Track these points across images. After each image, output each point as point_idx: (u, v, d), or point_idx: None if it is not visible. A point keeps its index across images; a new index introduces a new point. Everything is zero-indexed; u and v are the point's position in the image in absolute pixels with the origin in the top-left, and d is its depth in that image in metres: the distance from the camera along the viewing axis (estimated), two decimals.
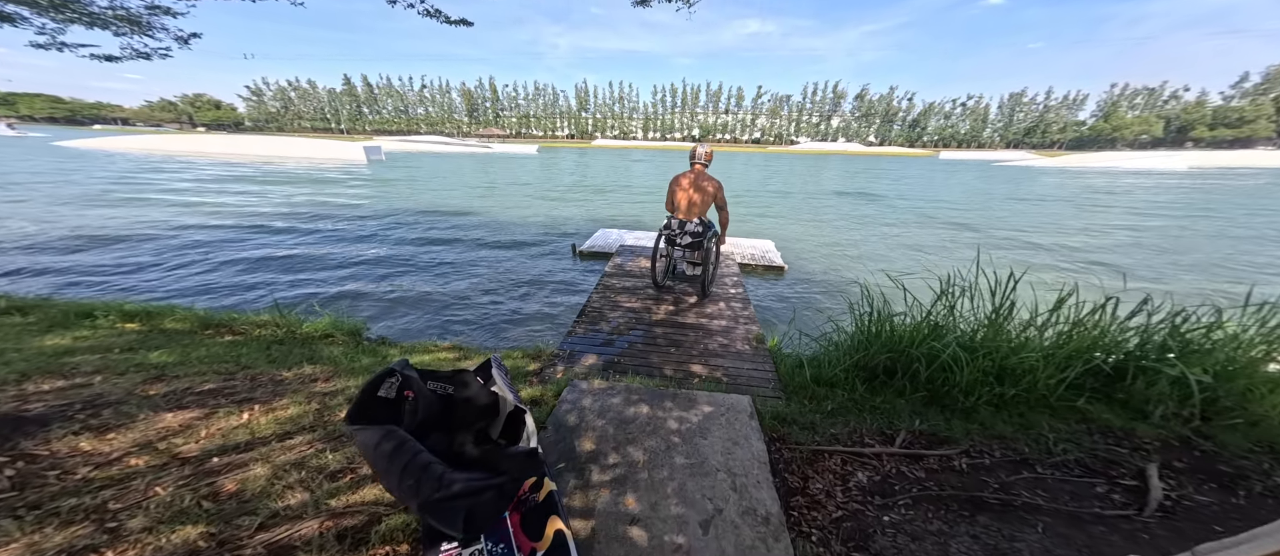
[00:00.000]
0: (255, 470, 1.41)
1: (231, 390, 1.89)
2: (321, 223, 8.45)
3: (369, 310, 4.22)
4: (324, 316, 2.83)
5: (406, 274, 5.43)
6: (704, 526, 1.37)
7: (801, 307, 4.46)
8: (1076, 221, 10.70)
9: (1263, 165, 37.03)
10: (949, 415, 2.00)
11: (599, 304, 3.43)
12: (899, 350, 2.17)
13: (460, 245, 7.08)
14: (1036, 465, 1.64)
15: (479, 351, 2.86)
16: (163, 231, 7.38)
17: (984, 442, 1.80)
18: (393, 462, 0.97)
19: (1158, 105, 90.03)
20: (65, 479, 1.30)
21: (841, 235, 8.69)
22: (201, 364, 2.12)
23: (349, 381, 2.06)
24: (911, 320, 2.29)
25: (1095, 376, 1.99)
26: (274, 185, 13.80)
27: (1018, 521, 1.38)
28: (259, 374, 2.05)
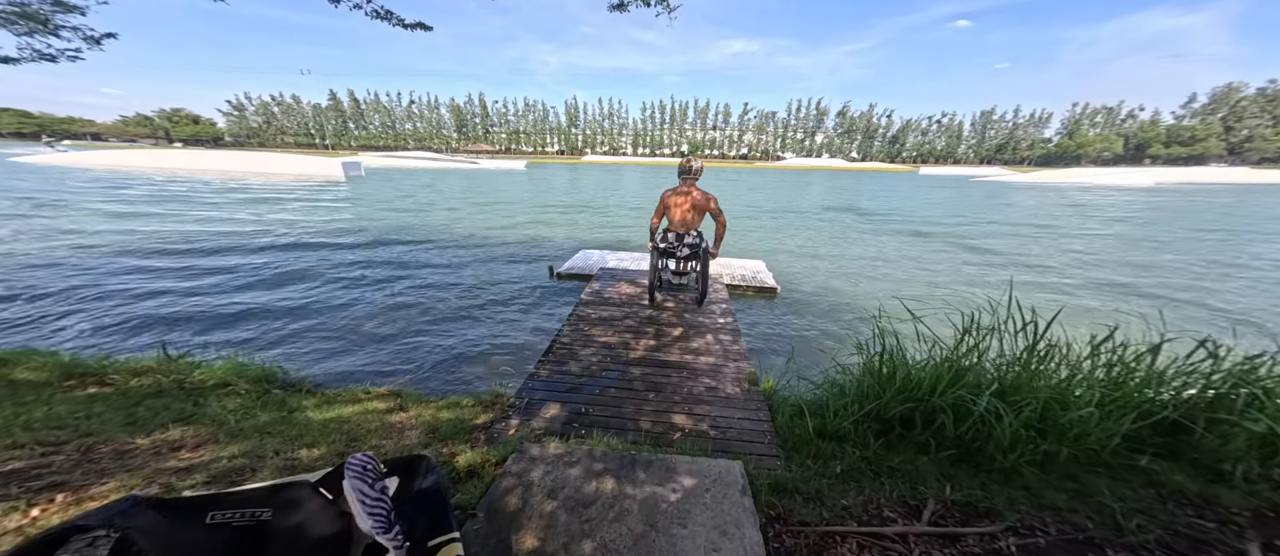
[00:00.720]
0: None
1: (42, 470, 1.42)
2: (270, 247, 7.41)
3: (300, 348, 3.62)
4: (224, 361, 2.36)
5: (356, 304, 4.76)
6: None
7: (798, 338, 4.05)
8: (1080, 240, 10.27)
9: (1218, 181, 39.11)
10: (985, 478, 1.65)
11: (569, 339, 3.01)
12: (918, 398, 1.82)
13: (426, 268, 6.42)
14: (1107, 547, 1.28)
15: (423, 398, 2.41)
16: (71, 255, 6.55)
17: (1034, 516, 1.44)
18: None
19: (1116, 124, 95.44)
20: None
21: (835, 252, 8.38)
22: (26, 431, 1.64)
23: (229, 448, 1.60)
24: (929, 359, 1.96)
25: (1156, 429, 1.66)
26: (231, 204, 13.02)
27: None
28: (101, 442, 1.57)
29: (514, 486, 1.52)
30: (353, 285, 5.41)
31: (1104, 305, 5.50)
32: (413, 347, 3.67)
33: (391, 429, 1.96)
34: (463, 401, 2.36)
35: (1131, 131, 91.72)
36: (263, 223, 9.78)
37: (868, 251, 8.59)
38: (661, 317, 3.44)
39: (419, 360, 3.46)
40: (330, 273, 5.98)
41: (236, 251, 7.07)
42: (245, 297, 4.84)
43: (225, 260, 6.52)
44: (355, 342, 3.77)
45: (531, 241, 8.73)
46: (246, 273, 5.87)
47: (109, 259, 6.39)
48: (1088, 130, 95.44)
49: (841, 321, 4.57)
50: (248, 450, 1.58)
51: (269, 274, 5.82)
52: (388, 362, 3.40)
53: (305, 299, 4.86)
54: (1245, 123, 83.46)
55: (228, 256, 6.77)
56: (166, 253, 6.89)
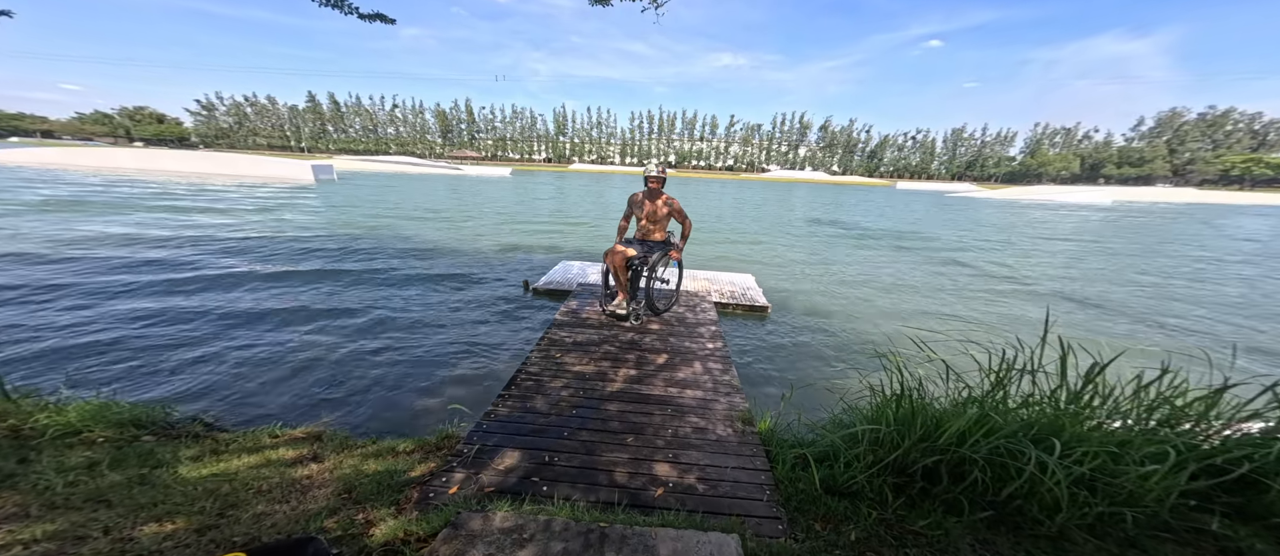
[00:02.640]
0: None
1: None
2: (196, 259, 6.19)
3: (205, 380, 2.91)
4: (86, 400, 1.88)
5: (288, 325, 3.97)
6: None
7: (795, 365, 3.65)
8: (1080, 262, 9.49)
9: (1171, 201, 41.82)
10: (1029, 545, 1.36)
11: (537, 368, 2.63)
12: (945, 448, 1.53)
13: (381, 282, 5.57)
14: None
15: (349, 442, 1.99)
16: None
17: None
18: None
19: (1074, 144, 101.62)
20: None
21: (828, 267, 7.99)
22: None
23: (38, 526, 1.17)
24: (952, 399, 1.68)
25: (1217, 480, 1.41)
26: (167, 209, 11.78)
27: None
28: None
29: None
30: (287, 301, 4.64)
31: (1113, 328, 5.14)
32: (350, 377, 3.07)
33: (293, 488, 1.54)
34: (399, 446, 1.95)
35: (1087, 152, 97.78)
36: (198, 228, 8.66)
37: (865, 269, 8.28)
38: (644, 342, 3.09)
39: (356, 392, 2.88)
40: (264, 288, 5.10)
41: (153, 264, 5.84)
42: (142, 319, 3.90)
43: (135, 275, 5.28)
44: (280, 371, 3.09)
45: (506, 251, 7.97)
46: (155, 290, 4.78)
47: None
48: (1048, 149, 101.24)
49: (842, 345, 4.18)
50: (63, 530, 1.15)
51: (189, 289, 4.88)
52: (317, 395, 2.81)
53: (227, 318, 4.05)
54: (1187, 146, 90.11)
55: (139, 271, 5.48)
56: (52, 261, 5.61)
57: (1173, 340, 4.83)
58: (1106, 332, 4.94)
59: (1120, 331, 5.05)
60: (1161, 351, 1.71)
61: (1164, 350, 1.64)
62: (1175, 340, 4.82)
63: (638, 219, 3.64)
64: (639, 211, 3.62)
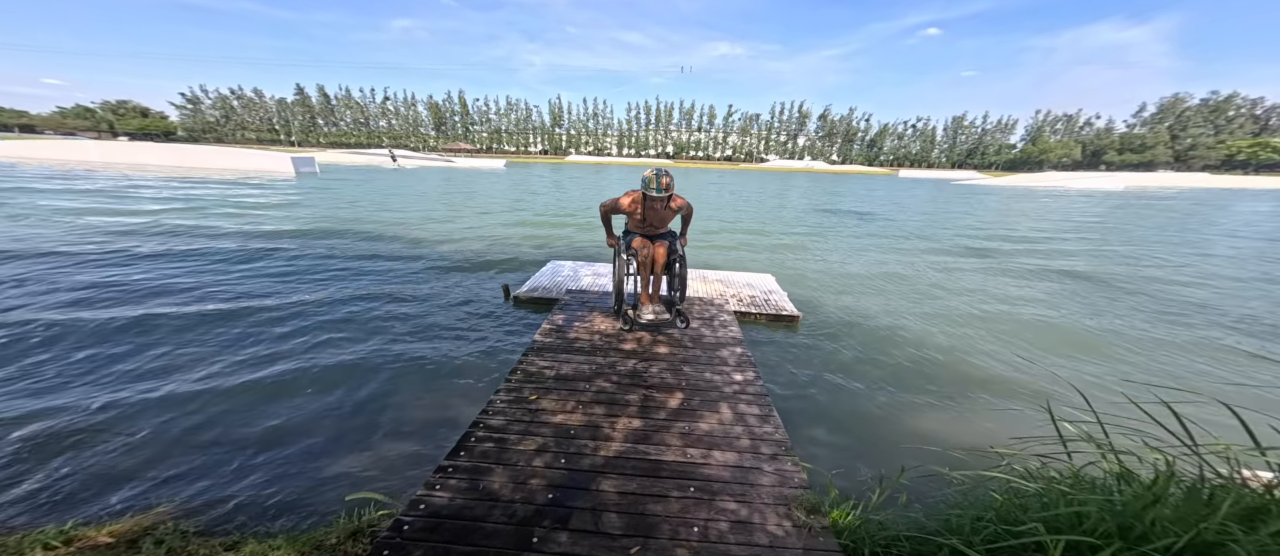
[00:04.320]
0: None
1: None
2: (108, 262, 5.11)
3: (28, 435, 2.01)
4: None
5: (150, 348, 2.99)
6: None
7: (855, 402, 2.71)
8: (1129, 244, 8.61)
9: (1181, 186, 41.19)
10: None
11: (502, 421, 1.88)
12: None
13: (312, 293, 4.41)
14: None
15: (194, 541, 1.27)
16: None
17: None
18: None
19: (1075, 131, 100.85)
20: None
21: (851, 262, 7.01)
22: None
23: None
24: (1208, 486, 0.97)
25: None
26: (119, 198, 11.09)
27: None
28: None
29: None
30: (163, 313, 3.56)
31: None
32: (225, 428, 2.16)
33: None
34: (270, 552, 1.24)
35: (1089, 138, 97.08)
36: (141, 226, 7.66)
37: (885, 261, 7.49)
38: (650, 374, 2.35)
39: (223, 454, 1.99)
40: (133, 297, 3.94)
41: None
42: None
43: None
44: (118, 423, 2.13)
45: (485, 251, 6.88)
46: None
47: None
48: (1049, 136, 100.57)
49: (904, 356, 3.31)
50: None
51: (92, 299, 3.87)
52: (166, 461, 1.93)
53: (106, 343, 3.00)
54: (1189, 131, 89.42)
55: None
56: None
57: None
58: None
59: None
60: None
61: None
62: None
63: (638, 223, 3.05)
64: (639, 221, 3.01)
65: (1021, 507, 1.24)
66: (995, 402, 2.86)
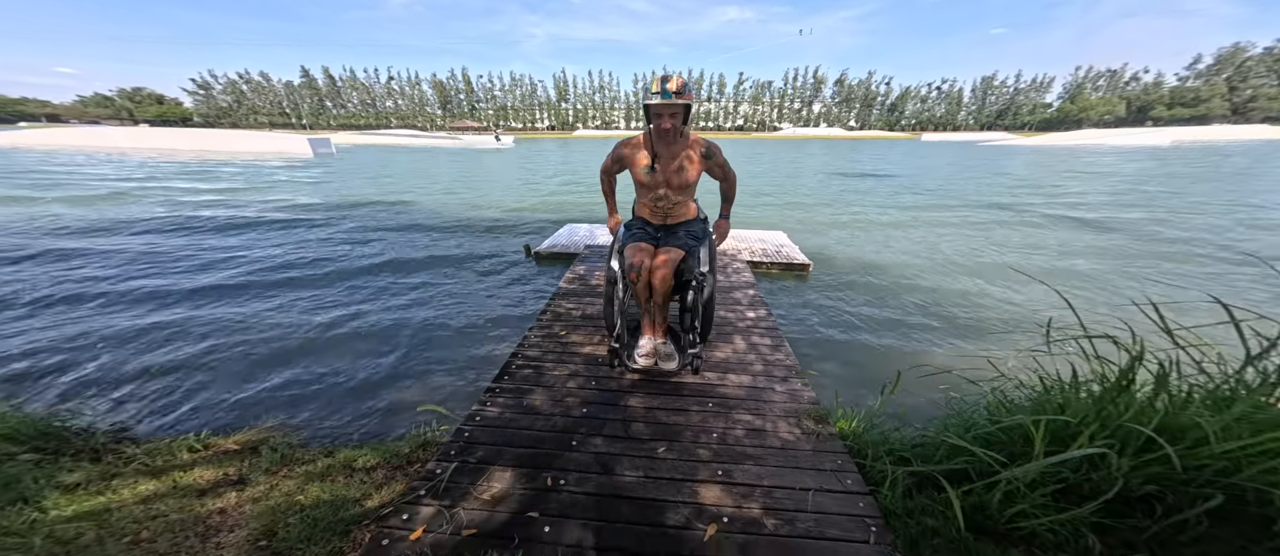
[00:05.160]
0: None
1: None
2: (163, 236, 5.69)
3: (126, 366, 2.47)
4: None
5: (242, 305, 3.50)
6: None
7: (854, 334, 2.92)
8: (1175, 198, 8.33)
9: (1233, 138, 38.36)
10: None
11: (537, 352, 2.09)
12: (1200, 466, 0.94)
13: (358, 255, 4.97)
14: None
15: (295, 453, 1.51)
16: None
17: None
18: None
19: (1119, 87, 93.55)
20: None
21: (868, 220, 7.11)
22: None
23: None
24: (1186, 382, 1.07)
25: None
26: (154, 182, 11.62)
27: None
28: None
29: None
30: (238, 278, 4.09)
31: None
32: (308, 366, 2.56)
33: (189, 530, 1.06)
34: (357, 459, 1.48)
35: (1134, 94, 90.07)
36: (174, 204, 8.25)
37: (900, 218, 7.42)
38: None
39: (313, 385, 2.39)
40: (212, 266, 4.51)
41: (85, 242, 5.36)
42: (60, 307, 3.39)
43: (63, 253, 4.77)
44: (224, 362, 2.57)
45: (503, 217, 7.40)
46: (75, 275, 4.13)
47: None
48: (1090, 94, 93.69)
49: (910, 300, 3.49)
50: None
51: (126, 275, 4.24)
52: (266, 391, 2.32)
53: (173, 308, 3.45)
54: (1250, 82, 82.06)
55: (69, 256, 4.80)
56: None
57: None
58: None
59: None
60: None
61: None
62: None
63: (643, 184, 1.89)
64: (644, 169, 1.83)
65: (1012, 408, 1.35)
66: (998, 334, 2.97)
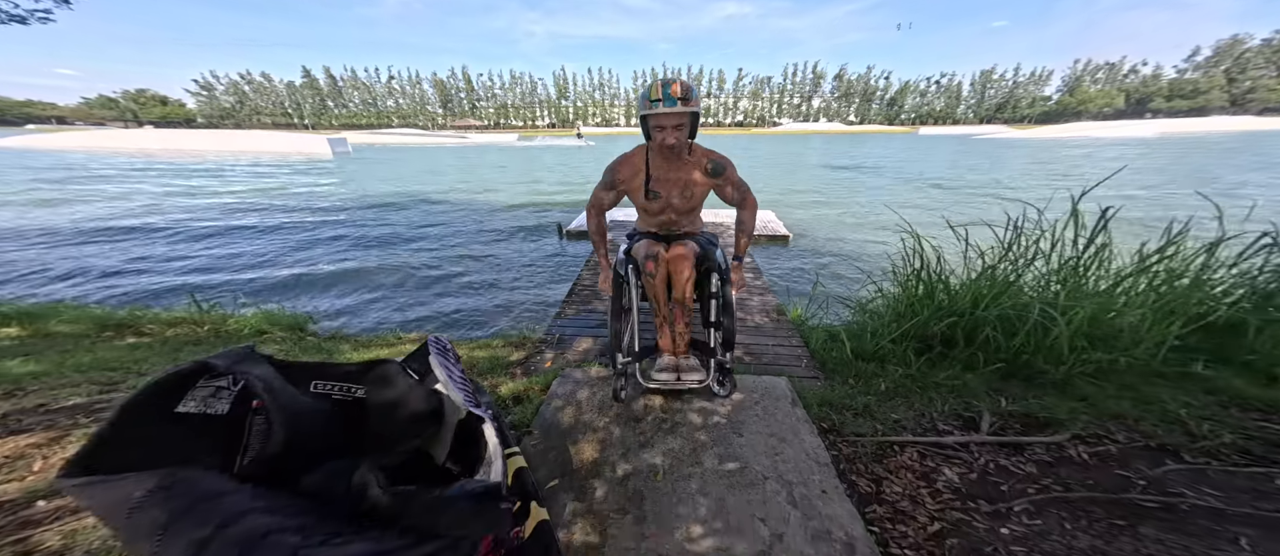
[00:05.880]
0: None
1: (103, 406, 1.37)
2: (274, 216, 7.66)
3: (320, 305, 3.68)
4: (255, 312, 2.29)
5: (368, 266, 4.85)
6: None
7: (818, 276, 4.04)
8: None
9: (1220, 130, 39.01)
10: (1038, 390, 1.63)
11: (589, 281, 2.97)
12: (960, 313, 1.78)
13: (429, 234, 6.44)
14: (1182, 453, 1.27)
15: (454, 340, 2.37)
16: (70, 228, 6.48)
17: (1099, 425, 1.41)
18: (172, 543, 0.46)
19: (1118, 79, 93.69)
20: None
21: (845, 202, 8.48)
22: (79, 373, 1.59)
23: None
24: (968, 276, 1.91)
25: (1208, 330, 1.64)
26: (232, 181, 12.61)
27: (1204, 532, 1.00)
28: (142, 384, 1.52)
29: (563, 406, 1.49)
30: (357, 255, 5.40)
31: None
32: (434, 301, 3.78)
33: None
34: (493, 343, 2.31)
35: (1133, 86, 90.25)
36: (269, 195, 9.68)
37: (878, 200, 8.60)
38: None
39: (442, 312, 3.55)
40: (339, 238, 6.07)
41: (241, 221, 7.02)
42: (257, 260, 5.01)
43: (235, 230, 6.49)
44: (376, 298, 3.85)
45: (532, 205, 8.72)
46: (255, 237, 5.98)
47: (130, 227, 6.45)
48: (1089, 86, 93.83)
49: (861, 259, 4.62)
50: None
51: (283, 238, 5.99)
52: (412, 316, 3.45)
53: (319, 260, 4.97)
54: (1249, 74, 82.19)
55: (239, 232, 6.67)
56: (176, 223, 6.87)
57: None
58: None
59: None
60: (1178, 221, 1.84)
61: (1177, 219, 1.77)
62: None
63: (641, 208, 1.59)
64: (648, 195, 1.51)
65: (884, 299, 2.18)
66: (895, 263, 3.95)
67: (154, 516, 0.45)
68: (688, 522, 1.04)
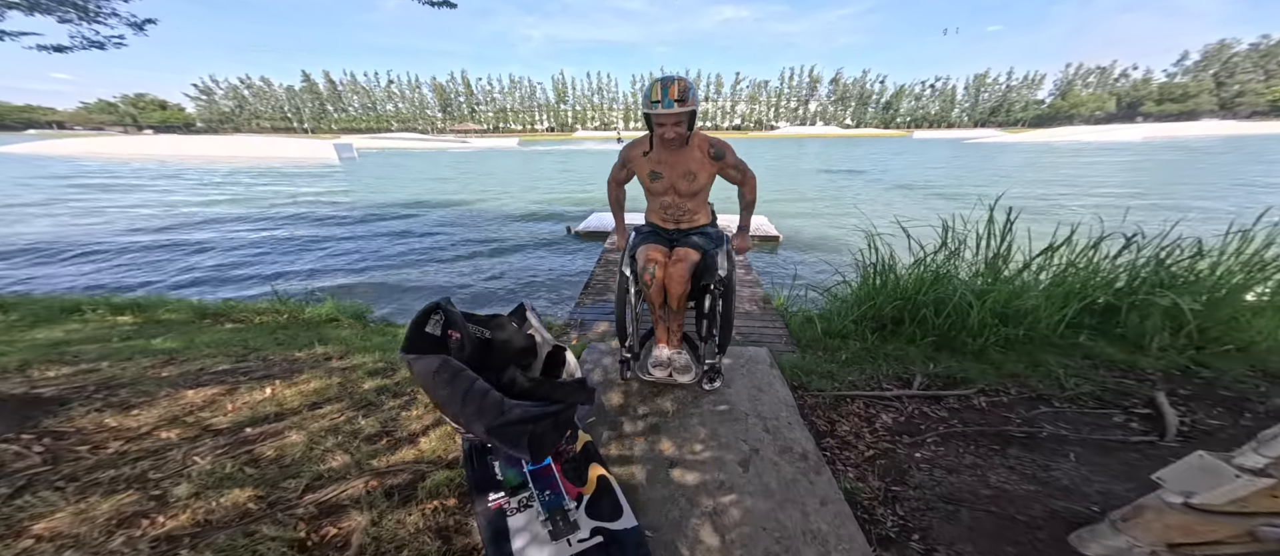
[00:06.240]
0: (291, 437, 1.37)
1: (247, 369, 1.82)
2: (304, 218, 8.27)
3: (367, 297, 4.17)
4: (326, 301, 2.75)
5: (402, 261, 5.48)
6: (743, 465, 1.41)
7: (802, 271, 4.65)
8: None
9: (1202, 134, 39.90)
10: (960, 358, 2.10)
11: (602, 277, 3.44)
12: (906, 299, 2.26)
13: (453, 233, 7.11)
14: (1053, 400, 1.75)
15: None
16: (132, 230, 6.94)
17: (998, 382, 1.89)
18: (453, 389, 0.98)
19: (1109, 83, 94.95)
20: (98, 452, 1.24)
21: (831, 207, 9.05)
22: (209, 348, 2.04)
23: (365, 358, 2.01)
24: (915, 271, 2.39)
25: (1091, 314, 2.12)
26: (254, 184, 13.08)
27: (1048, 451, 1.47)
28: (270, 355, 1.98)
29: (593, 368, 1.96)
30: (391, 251, 6.02)
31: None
32: (464, 292, 4.44)
33: None
34: None
35: (1124, 90, 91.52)
36: (293, 199, 10.49)
37: (866, 206, 9.11)
38: None
39: (472, 302, 4.12)
40: (369, 238, 6.78)
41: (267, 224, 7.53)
42: (316, 266, 5.55)
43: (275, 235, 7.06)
44: (412, 290, 4.44)
45: (541, 209, 9.36)
46: (313, 247, 6.48)
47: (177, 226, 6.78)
48: (1080, 90, 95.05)
49: (837, 254, 5.20)
50: (371, 360, 1.99)
51: (319, 243, 6.57)
52: (464, 302, 4.07)
53: (359, 257, 5.67)
54: (1237, 78, 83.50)
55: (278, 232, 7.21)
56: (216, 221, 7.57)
57: None
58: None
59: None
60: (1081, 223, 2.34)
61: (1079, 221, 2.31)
62: None
63: (651, 191, 1.74)
64: (651, 176, 1.68)
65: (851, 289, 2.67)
66: None
67: (443, 377, 0.93)
68: (692, 442, 1.50)
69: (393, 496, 1.17)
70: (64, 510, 1.04)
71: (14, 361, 1.78)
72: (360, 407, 1.56)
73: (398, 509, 1.13)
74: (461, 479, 1.23)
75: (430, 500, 1.17)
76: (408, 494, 1.19)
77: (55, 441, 1.28)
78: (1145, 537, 0.92)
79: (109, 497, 1.08)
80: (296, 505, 1.12)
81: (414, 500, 1.17)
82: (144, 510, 1.05)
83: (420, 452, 1.35)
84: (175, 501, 1.09)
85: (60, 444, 1.27)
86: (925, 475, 1.41)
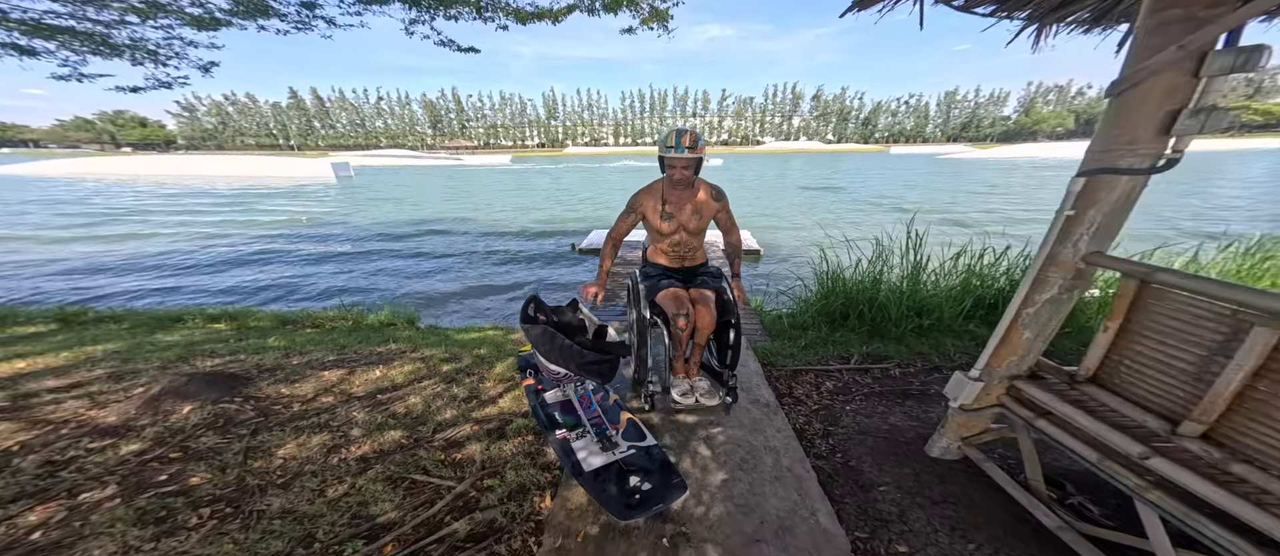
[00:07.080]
0: (411, 400, 1.96)
1: (352, 359, 2.40)
2: (332, 237, 8.82)
3: (410, 307, 4.75)
4: (384, 309, 3.32)
5: (424, 276, 6.13)
6: (725, 410, 2.04)
7: (777, 279, 5.31)
8: None
9: None
10: (885, 341, 2.80)
11: (609, 285, 4.08)
12: (850, 298, 2.96)
13: (465, 249, 7.79)
14: (944, 369, 2.44)
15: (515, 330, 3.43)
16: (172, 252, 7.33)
17: (910, 358, 2.58)
18: (553, 344, 1.64)
19: (1068, 100, 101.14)
20: (288, 410, 1.81)
21: (807, 221, 9.96)
22: (311, 345, 2.59)
23: (434, 351, 2.59)
24: (857, 276, 3.10)
25: (982, 306, 2.85)
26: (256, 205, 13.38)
27: (931, 402, 2.15)
28: (360, 350, 2.55)
29: None
30: (406, 267, 6.69)
31: None
32: (487, 304, 5.08)
33: (507, 344, 2.98)
34: None
35: (1082, 107, 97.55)
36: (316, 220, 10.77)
37: (831, 219, 10.07)
38: None
39: (495, 310, 4.75)
40: (389, 256, 7.40)
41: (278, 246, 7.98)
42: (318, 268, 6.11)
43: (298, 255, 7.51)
44: (439, 303, 5.06)
45: (543, 226, 10.00)
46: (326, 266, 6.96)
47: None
48: (1042, 107, 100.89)
49: (807, 264, 5.94)
50: (440, 352, 2.57)
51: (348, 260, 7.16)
52: (479, 311, 4.65)
53: (388, 272, 6.38)
54: None
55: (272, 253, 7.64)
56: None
57: None
58: None
59: None
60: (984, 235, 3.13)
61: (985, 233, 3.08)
62: None
63: (661, 231, 1.92)
64: (663, 217, 1.88)
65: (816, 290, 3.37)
66: None
67: (547, 337, 1.58)
68: None
69: (493, 434, 1.77)
70: (289, 443, 1.62)
71: (172, 354, 2.32)
72: (448, 382, 2.15)
73: (498, 441, 1.73)
74: (534, 423, 1.84)
75: (517, 436, 1.78)
76: (501, 433, 1.80)
77: (258, 403, 1.85)
78: (952, 436, 1.59)
79: (314, 436, 1.66)
80: (433, 440, 1.71)
81: (505, 437, 1.77)
82: (338, 443, 1.64)
83: (500, 409, 1.95)
84: (355, 438, 1.67)
85: (263, 405, 1.84)
86: (851, 420, 2.06)
